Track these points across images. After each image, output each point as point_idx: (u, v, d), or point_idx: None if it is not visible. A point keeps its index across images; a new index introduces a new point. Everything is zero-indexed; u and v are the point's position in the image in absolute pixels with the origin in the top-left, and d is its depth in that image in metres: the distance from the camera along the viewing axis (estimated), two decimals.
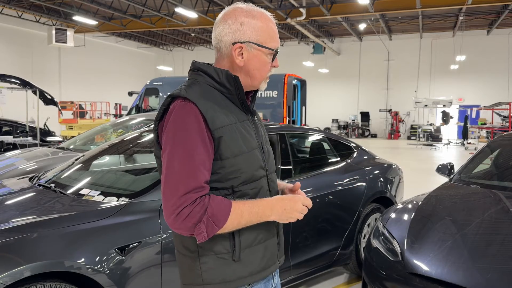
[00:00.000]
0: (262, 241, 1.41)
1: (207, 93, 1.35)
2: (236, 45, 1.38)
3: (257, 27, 1.38)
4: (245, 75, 1.42)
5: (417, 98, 22.01)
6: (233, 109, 1.39)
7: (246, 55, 1.39)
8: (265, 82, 1.47)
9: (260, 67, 1.41)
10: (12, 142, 8.19)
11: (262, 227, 1.40)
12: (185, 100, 1.30)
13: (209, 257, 1.35)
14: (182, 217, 1.22)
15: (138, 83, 25.89)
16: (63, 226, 2.18)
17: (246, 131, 1.40)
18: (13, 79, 8.92)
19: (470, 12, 19.68)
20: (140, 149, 3.52)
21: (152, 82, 15.01)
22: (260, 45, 1.39)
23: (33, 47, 22.07)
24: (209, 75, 1.39)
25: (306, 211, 1.39)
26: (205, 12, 18.12)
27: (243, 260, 1.37)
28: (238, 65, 1.40)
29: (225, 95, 1.40)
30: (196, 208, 1.23)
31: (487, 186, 3.55)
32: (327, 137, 4.22)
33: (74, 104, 19.16)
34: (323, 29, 24.09)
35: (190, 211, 1.22)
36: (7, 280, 1.87)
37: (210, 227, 1.24)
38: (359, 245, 3.94)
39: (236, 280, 1.36)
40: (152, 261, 2.34)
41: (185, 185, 1.24)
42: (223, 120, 1.32)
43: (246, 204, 1.31)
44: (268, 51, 1.40)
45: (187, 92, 1.32)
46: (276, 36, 1.43)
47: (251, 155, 1.38)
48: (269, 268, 1.44)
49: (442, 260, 2.52)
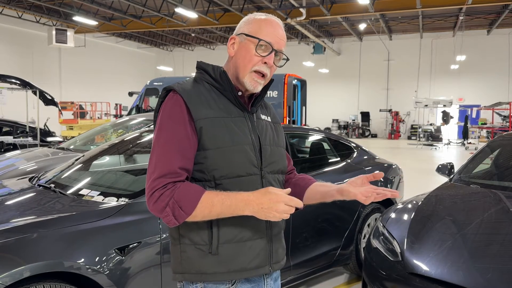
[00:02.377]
0: (245, 240, 1.39)
1: (196, 88, 1.44)
2: (231, 37, 1.48)
3: (252, 22, 1.46)
4: (233, 67, 1.46)
5: (417, 98, 22.00)
6: (226, 105, 1.44)
7: (236, 46, 1.46)
8: (251, 79, 1.43)
9: (245, 55, 1.43)
10: (12, 142, 8.19)
11: (246, 225, 1.39)
12: (174, 92, 1.40)
13: (188, 246, 1.39)
14: (153, 199, 1.30)
15: (138, 83, 25.89)
16: (63, 226, 2.18)
17: (237, 126, 1.42)
18: (13, 80, 8.92)
19: (470, 12, 19.67)
20: (140, 149, 3.52)
21: (152, 82, 15.01)
22: (248, 35, 1.44)
23: (33, 47, 22.08)
24: (207, 72, 1.48)
25: (291, 211, 1.29)
26: (205, 12, 18.12)
27: (221, 255, 1.37)
28: (230, 56, 1.48)
29: (220, 92, 1.46)
30: (166, 192, 1.29)
31: (487, 186, 3.55)
32: (327, 137, 4.22)
33: (74, 105, 19.17)
34: (323, 29, 24.09)
35: (160, 195, 1.29)
36: (7, 280, 1.87)
37: (177, 212, 1.28)
38: (359, 245, 3.94)
39: (212, 274, 1.37)
40: (152, 261, 2.33)
41: (160, 169, 1.31)
42: (206, 112, 1.38)
43: (219, 195, 1.30)
44: (255, 40, 1.42)
45: (178, 85, 1.42)
46: (270, 32, 1.43)
47: (237, 149, 1.39)
48: (253, 270, 1.41)
49: (442, 260, 2.51)
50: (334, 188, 1.48)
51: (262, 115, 1.56)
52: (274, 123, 1.59)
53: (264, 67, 1.43)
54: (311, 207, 1.52)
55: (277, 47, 1.44)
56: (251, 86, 1.44)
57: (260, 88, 1.46)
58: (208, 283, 1.39)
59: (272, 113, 1.63)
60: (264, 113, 1.58)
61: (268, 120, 1.57)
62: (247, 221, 1.38)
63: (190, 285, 1.41)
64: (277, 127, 1.59)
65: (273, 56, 1.44)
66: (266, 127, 1.53)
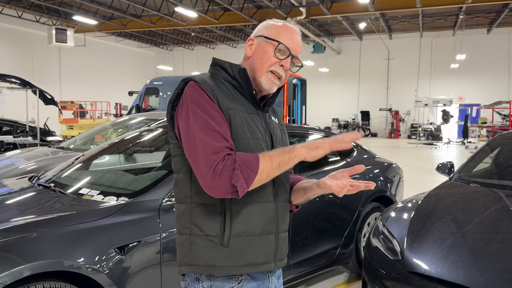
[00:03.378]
0: (255, 235, 1.41)
1: (214, 81, 1.46)
2: (249, 39, 1.53)
3: (272, 27, 1.50)
4: (250, 68, 1.49)
5: (417, 97, 22.00)
6: (242, 101, 1.46)
7: (254, 47, 1.50)
8: (268, 78, 1.47)
9: (262, 55, 1.47)
10: (12, 142, 8.20)
11: (258, 220, 1.41)
12: (195, 83, 1.41)
13: (198, 237, 1.39)
14: (217, 173, 1.28)
15: (138, 82, 25.88)
16: (62, 225, 2.18)
17: (254, 122, 1.46)
18: (13, 79, 8.92)
19: (470, 11, 19.66)
20: (139, 148, 3.52)
21: (152, 82, 14.99)
22: (267, 37, 1.48)
23: (33, 47, 22.08)
24: (224, 69, 1.49)
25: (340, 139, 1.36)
26: (205, 12, 18.11)
27: (232, 248, 1.38)
28: (247, 55, 1.51)
29: (237, 89, 1.48)
30: (227, 162, 1.29)
31: (487, 185, 3.55)
32: (327, 136, 4.22)
33: (74, 104, 19.17)
34: (323, 28, 24.08)
35: (223, 166, 1.28)
36: (6, 279, 1.87)
37: (245, 173, 1.29)
38: (359, 244, 3.94)
39: (221, 267, 1.38)
40: (152, 261, 2.34)
41: (212, 146, 1.30)
42: (227, 104, 1.41)
43: (272, 152, 1.36)
44: (273, 43, 1.46)
45: (197, 77, 1.44)
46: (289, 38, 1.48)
47: (255, 143, 1.42)
48: (260, 265, 1.43)
49: (442, 259, 2.51)
50: (314, 182, 1.52)
51: (272, 116, 1.60)
52: (281, 125, 1.64)
53: (280, 69, 1.47)
54: (311, 206, 1.53)
55: (294, 53, 1.48)
56: (267, 86, 1.48)
57: (275, 89, 1.50)
58: (215, 281, 1.39)
59: (279, 116, 1.68)
60: (273, 114, 1.63)
61: (276, 121, 1.62)
62: (258, 216, 1.41)
63: (196, 283, 1.41)
64: (283, 129, 1.65)
65: (290, 60, 1.48)
66: (276, 128, 1.58)
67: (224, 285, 1.40)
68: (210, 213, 1.38)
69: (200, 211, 1.39)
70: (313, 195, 1.53)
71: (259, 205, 1.41)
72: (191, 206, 1.41)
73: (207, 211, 1.38)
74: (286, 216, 1.52)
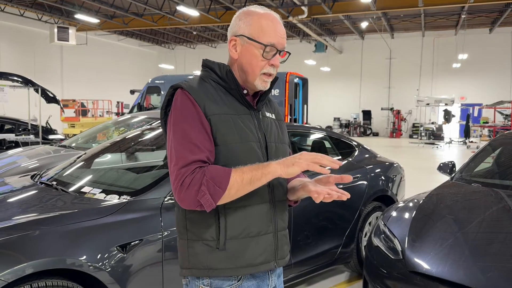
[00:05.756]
0: (252, 236, 1.41)
1: (202, 85, 1.45)
2: (231, 38, 1.47)
3: (251, 22, 1.44)
4: (239, 70, 1.48)
5: (419, 96, 21.97)
6: (233, 103, 1.46)
7: (239, 49, 1.46)
8: (262, 80, 1.46)
9: (251, 61, 1.44)
10: (14, 140, 8.20)
11: (253, 221, 1.41)
12: (182, 90, 1.42)
13: (196, 242, 1.41)
14: (184, 186, 1.30)
15: (140, 81, 25.87)
16: (65, 223, 2.19)
17: (244, 124, 1.44)
18: (15, 77, 8.94)
19: (473, 10, 19.61)
20: (141, 147, 3.53)
21: (154, 80, 15.01)
22: (250, 38, 1.43)
23: (35, 45, 22.10)
24: (213, 70, 1.48)
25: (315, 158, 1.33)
26: (206, 10, 18.11)
27: (229, 251, 1.39)
28: (233, 58, 1.48)
29: (227, 90, 1.47)
30: (196, 176, 1.30)
31: (488, 184, 3.55)
32: (329, 135, 4.22)
33: (76, 102, 19.21)
34: (325, 27, 24.05)
35: (191, 180, 1.29)
36: (9, 277, 1.88)
37: (212, 189, 1.29)
38: (360, 243, 3.94)
39: (220, 269, 1.39)
40: (154, 259, 2.34)
41: (184, 159, 1.32)
42: (214, 109, 1.40)
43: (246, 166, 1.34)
44: (259, 46, 1.43)
45: (185, 83, 1.44)
46: (272, 33, 1.44)
47: (245, 146, 1.41)
48: (259, 265, 1.43)
49: (443, 258, 2.52)
50: (301, 183, 1.51)
51: (267, 112, 1.58)
52: (278, 121, 1.61)
53: (271, 69, 1.47)
54: (312, 206, 1.53)
55: (280, 47, 1.46)
56: (262, 87, 1.48)
57: (269, 85, 1.50)
58: (215, 279, 1.41)
59: (276, 110, 1.65)
60: (269, 110, 1.60)
61: (273, 117, 1.60)
62: (254, 218, 1.41)
63: (196, 280, 1.43)
64: (281, 124, 1.62)
65: (278, 56, 1.47)
66: (271, 125, 1.55)
67: (223, 283, 1.41)
68: (204, 218, 1.39)
69: (194, 216, 1.41)
70: (301, 195, 1.53)
71: (254, 206, 1.42)
72: (186, 211, 1.42)
73: (201, 216, 1.39)
74: (284, 214, 1.52)
